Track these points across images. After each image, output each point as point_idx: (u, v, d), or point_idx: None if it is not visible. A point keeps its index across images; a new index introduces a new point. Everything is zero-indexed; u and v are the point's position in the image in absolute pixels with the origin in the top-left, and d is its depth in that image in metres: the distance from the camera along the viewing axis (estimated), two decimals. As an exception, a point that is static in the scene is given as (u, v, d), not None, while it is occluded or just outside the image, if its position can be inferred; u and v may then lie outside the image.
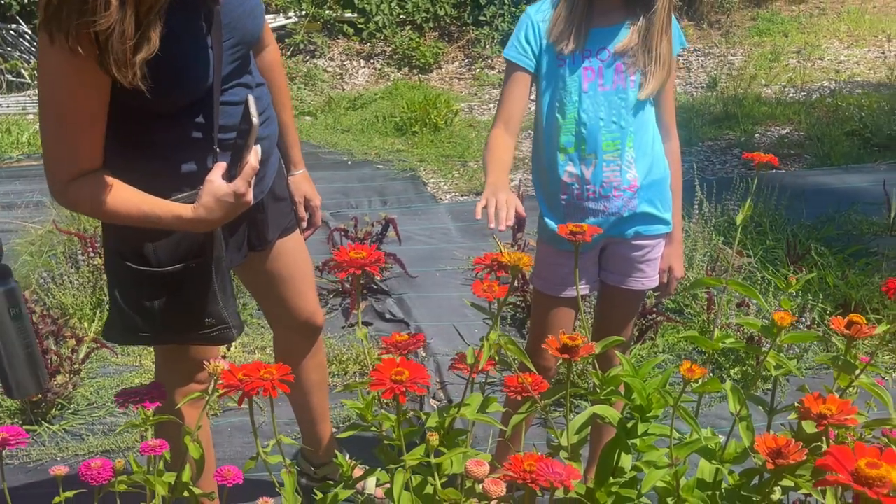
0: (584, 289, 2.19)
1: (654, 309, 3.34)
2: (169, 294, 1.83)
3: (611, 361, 2.23)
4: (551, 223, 2.07)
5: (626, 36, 1.97)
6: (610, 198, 2.04)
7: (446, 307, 3.69)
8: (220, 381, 1.41)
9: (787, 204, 4.37)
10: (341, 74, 7.76)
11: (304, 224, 2.24)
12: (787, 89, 6.88)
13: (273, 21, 7.75)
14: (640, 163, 2.05)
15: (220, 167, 1.70)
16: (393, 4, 8.03)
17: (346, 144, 5.99)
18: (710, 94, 6.77)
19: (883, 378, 3.01)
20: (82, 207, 1.74)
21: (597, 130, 2.00)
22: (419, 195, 5.09)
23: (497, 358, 1.68)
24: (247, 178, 1.68)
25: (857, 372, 1.56)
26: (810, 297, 3.43)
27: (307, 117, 6.76)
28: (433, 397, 3.13)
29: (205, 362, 1.47)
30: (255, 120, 1.69)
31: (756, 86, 6.95)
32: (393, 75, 7.72)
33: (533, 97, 2.12)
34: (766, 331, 1.59)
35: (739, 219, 1.69)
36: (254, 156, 1.70)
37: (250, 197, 1.70)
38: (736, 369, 3.16)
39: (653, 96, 2.04)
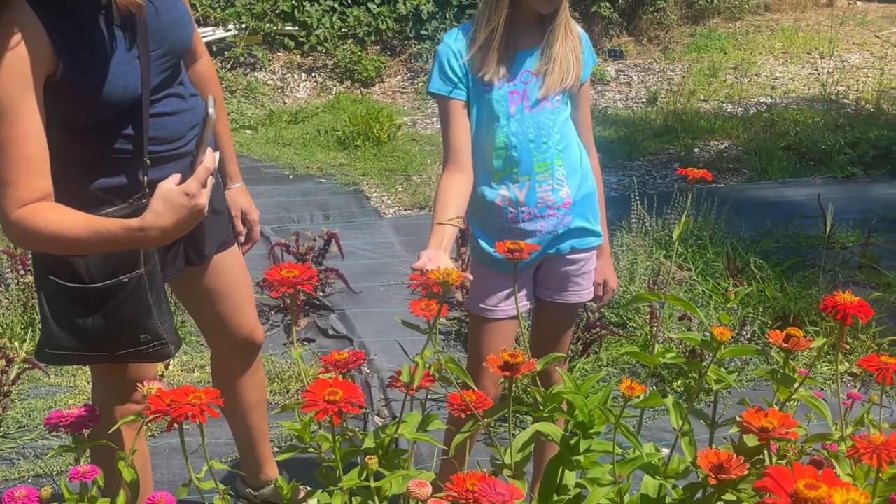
0: (521, 307, 2.18)
1: (598, 323, 3.34)
2: (102, 311, 1.77)
3: (551, 377, 2.23)
4: (486, 245, 2.07)
5: (543, 53, 2.00)
6: (545, 217, 2.05)
7: (390, 322, 3.64)
8: (148, 407, 1.36)
9: (727, 217, 4.43)
10: (282, 88, 7.68)
11: (242, 238, 2.19)
12: (725, 104, 7.01)
13: (212, 34, 7.64)
14: (571, 179, 2.08)
15: (174, 178, 1.59)
16: (334, 18, 7.98)
17: (288, 158, 5.92)
18: (650, 109, 6.86)
19: (821, 390, 3.06)
20: (30, 240, 1.63)
21: (528, 152, 2.01)
22: (362, 209, 5.04)
23: (437, 375, 1.65)
24: (199, 179, 1.55)
25: (796, 385, 1.56)
26: (750, 310, 3.47)
27: (248, 131, 6.66)
28: (377, 414, 3.08)
29: (138, 385, 1.42)
30: (210, 111, 1.58)
31: (695, 101, 7.07)
32: (335, 89, 7.66)
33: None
34: (707, 345, 1.59)
35: (676, 234, 1.69)
36: (209, 157, 1.60)
37: (204, 200, 1.56)
38: (679, 382, 3.18)
39: (566, 107, 2.06)
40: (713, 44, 8.92)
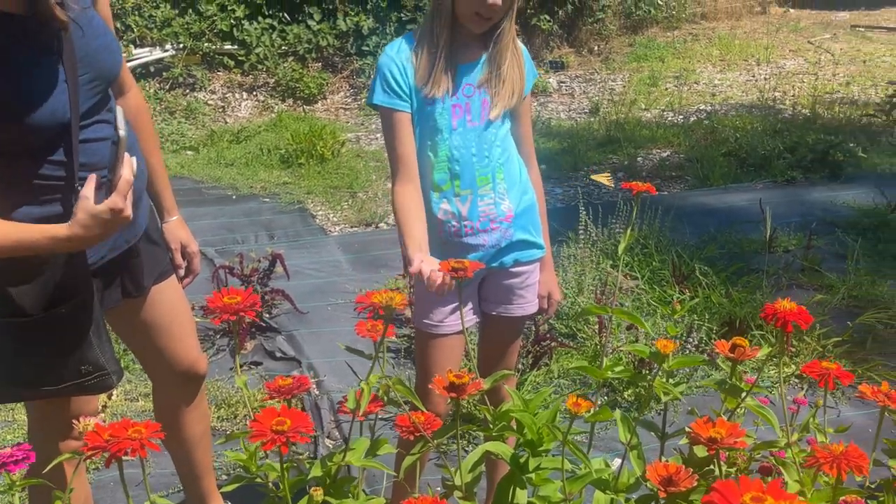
0: (467, 322, 2.16)
1: (548, 335, 3.34)
2: (40, 343, 1.71)
3: (500, 391, 2.21)
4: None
5: (485, 67, 1.99)
6: (488, 231, 2.04)
7: (340, 342, 3.58)
8: (86, 444, 1.30)
9: (671, 225, 4.47)
10: (223, 107, 7.57)
11: (182, 272, 2.13)
12: (665, 113, 7.10)
13: (149, 55, 7.51)
14: (512, 193, 2.07)
15: (93, 180, 1.61)
16: (274, 36, 7.91)
17: (231, 179, 5.83)
18: (593, 119, 6.93)
19: (768, 396, 3.09)
20: None
21: (470, 166, 2.00)
22: (307, 228, 4.97)
23: (386, 398, 1.62)
24: (122, 193, 1.60)
25: (743, 395, 1.56)
26: (696, 317, 3.50)
27: (189, 152, 6.55)
28: (328, 437, 3.02)
29: (74, 421, 1.36)
30: (121, 132, 1.63)
31: (636, 110, 7.15)
32: (277, 107, 7.59)
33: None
34: (654, 357, 1.58)
35: (621, 248, 1.68)
36: (127, 168, 1.62)
37: (129, 211, 1.62)
38: (630, 391, 3.18)
39: (507, 121, 2.06)
40: (652, 53, 9.06)
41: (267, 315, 3.75)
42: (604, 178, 1.84)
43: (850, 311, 3.76)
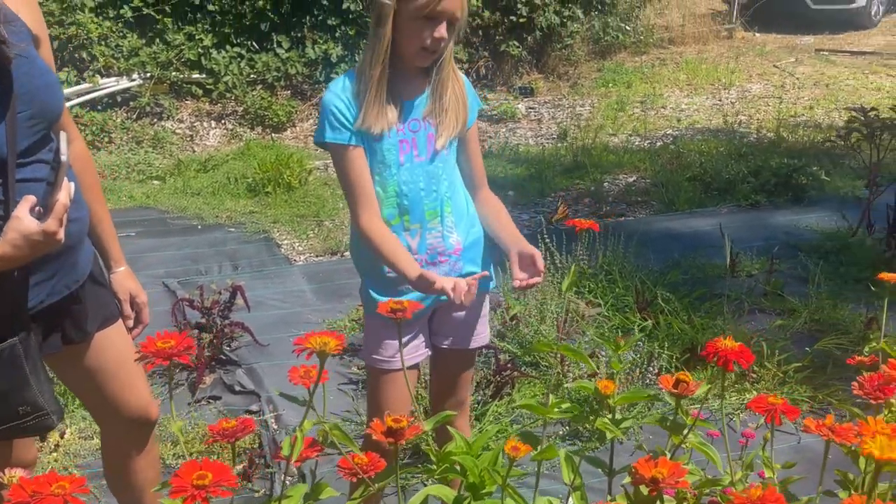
0: (419, 356, 2.14)
1: (509, 365, 3.32)
2: None
3: (454, 423, 2.19)
4: (377, 296, 2.02)
5: (429, 100, 1.99)
6: (437, 264, 2.03)
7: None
8: (8, 500, 1.26)
9: (636, 251, 4.48)
10: (191, 136, 7.54)
11: (131, 323, 2.10)
12: (632, 138, 7.15)
13: (115, 84, 7.47)
14: (460, 226, 2.07)
15: (29, 201, 1.60)
16: (242, 64, 7.90)
17: (197, 208, 5.78)
18: (560, 144, 6.96)
19: (716, 426, 3.08)
20: None
21: (418, 200, 2.00)
22: (272, 258, 4.94)
23: (326, 442, 1.59)
24: (58, 216, 1.60)
25: (686, 431, 1.55)
26: (657, 344, 3.49)
27: (155, 182, 6.50)
28: (285, 472, 2.97)
29: (0, 473, 1.33)
30: (63, 158, 1.61)
31: (604, 135, 7.19)
32: (246, 135, 7.56)
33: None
34: (597, 396, 1.57)
35: (565, 285, 1.67)
36: (64, 192, 1.62)
37: (61, 235, 1.61)
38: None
39: (453, 153, 2.06)
40: (620, 78, 9.14)
41: (227, 348, 3.70)
42: (561, 213, 1.83)
43: (812, 336, 3.77)
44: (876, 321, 3.75)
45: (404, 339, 2.06)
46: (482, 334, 2.19)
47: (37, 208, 1.64)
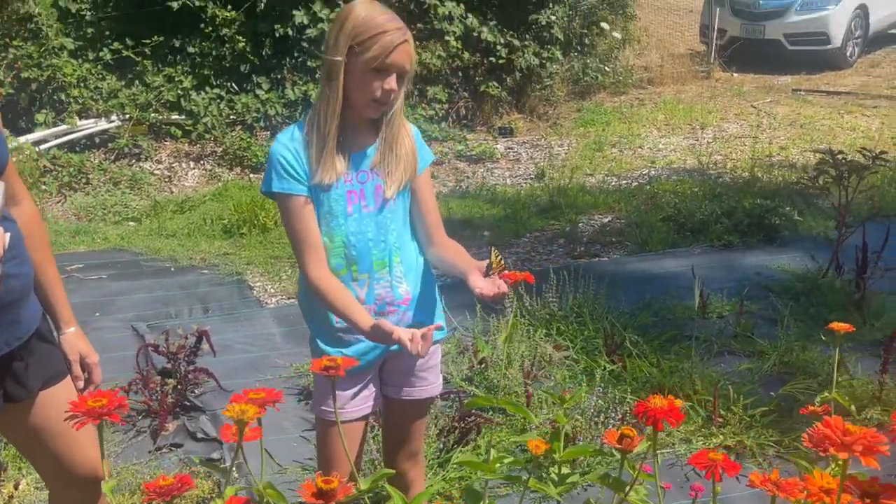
0: (369, 407, 2.12)
1: (474, 411, 3.29)
2: None
3: (406, 477, 2.17)
4: (325, 346, 2.01)
5: (378, 151, 1.99)
6: (385, 314, 2.02)
7: (264, 421, 3.50)
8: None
9: (608, 292, 4.48)
10: (170, 177, 7.54)
11: (81, 384, 2.07)
12: (609, 178, 7.19)
13: (94, 126, 7.48)
14: (409, 276, 2.06)
15: None
16: (222, 105, 7.93)
17: (171, 250, 5.76)
18: (537, 185, 6.98)
19: (696, 472, 3.04)
20: None
21: (367, 251, 1.99)
22: (243, 300, 4.91)
23: (263, 502, 1.56)
24: None
25: (627, 489, 1.54)
26: (622, 388, 3.47)
27: (131, 223, 6.49)
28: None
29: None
30: None
31: (581, 175, 7.23)
32: (224, 176, 7.57)
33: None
34: (531, 460, 1.56)
35: (501, 339, 1.66)
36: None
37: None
38: (554, 468, 3.13)
39: (404, 203, 2.06)
40: (599, 118, 9.21)
41: (191, 394, 3.66)
42: (494, 260, 1.81)
43: (781, 378, 3.77)
44: (844, 365, 3.75)
45: (354, 390, 2.05)
46: (434, 384, 2.18)
47: None
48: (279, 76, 8.23)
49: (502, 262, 1.87)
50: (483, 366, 3.72)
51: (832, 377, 3.62)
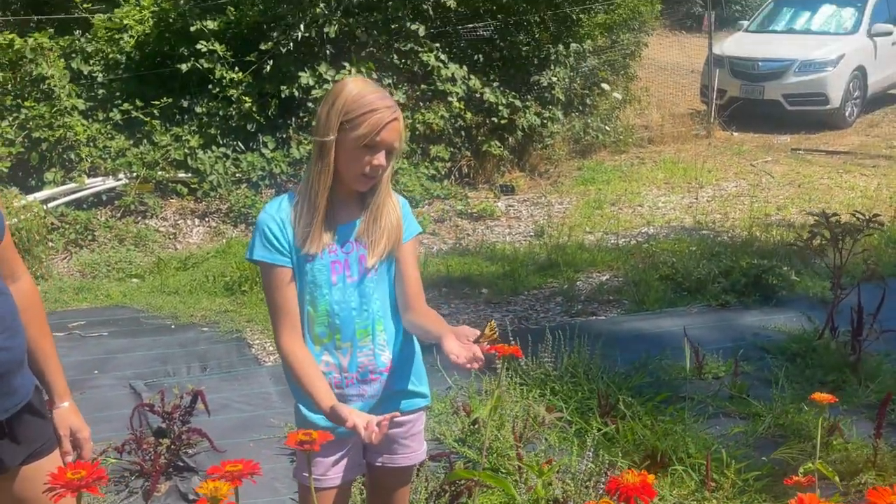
0: (350, 474, 2.15)
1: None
2: None
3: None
4: (307, 412, 2.05)
5: (363, 222, 2.05)
6: (368, 382, 2.06)
7: (258, 481, 3.51)
8: None
9: (603, 352, 4.50)
10: (174, 234, 7.63)
11: (70, 459, 2.08)
12: (608, 236, 7.24)
13: (101, 184, 7.61)
14: (392, 344, 2.09)
15: None
16: (227, 164, 8.07)
17: (172, 307, 5.81)
18: (536, 242, 7.05)
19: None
20: None
21: (350, 320, 2.04)
22: (241, 358, 4.95)
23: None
24: None
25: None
26: (614, 451, 3.47)
27: (134, 280, 6.56)
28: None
29: None
30: None
31: (580, 233, 7.29)
32: (229, 233, 7.66)
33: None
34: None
35: (486, 411, 1.70)
36: None
37: None
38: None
39: (387, 272, 2.09)
40: (600, 176, 9.31)
41: (185, 454, 3.68)
42: (488, 331, 1.84)
43: (776, 441, 3.77)
44: (838, 428, 3.74)
45: (334, 457, 2.08)
46: (417, 451, 2.20)
47: None
48: (284, 135, 8.38)
49: (496, 334, 1.89)
50: (476, 426, 3.73)
51: (825, 443, 3.63)
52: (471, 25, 9.51)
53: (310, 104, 8.25)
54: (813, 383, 4.29)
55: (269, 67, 8.27)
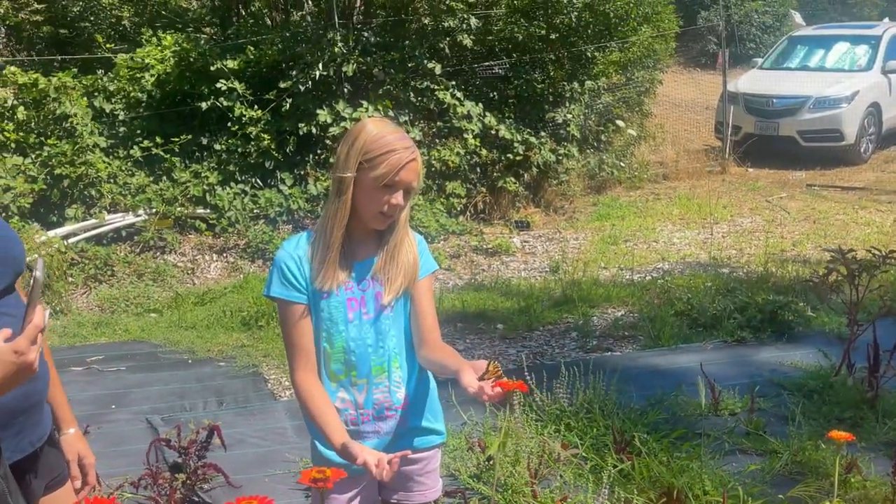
0: (365, 511, 2.16)
1: (480, 508, 3.29)
2: None
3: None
4: (323, 449, 2.07)
5: (380, 259, 2.08)
6: (384, 418, 2.08)
7: (273, 517, 3.52)
8: None
9: (619, 388, 4.49)
10: (192, 269, 7.71)
11: (78, 484, 2.12)
12: (623, 272, 7.25)
13: (121, 220, 7.71)
14: (408, 381, 2.11)
15: (4, 334, 1.55)
16: (246, 200, 8.16)
17: (189, 342, 5.86)
18: (551, 278, 7.06)
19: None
20: None
21: (366, 357, 2.06)
22: (258, 393, 4.97)
23: None
24: (29, 337, 1.53)
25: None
26: (630, 488, 3.46)
27: (152, 315, 6.62)
28: None
29: None
30: (37, 273, 1.55)
31: (595, 268, 7.30)
32: (246, 268, 7.73)
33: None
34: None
35: (493, 448, 1.71)
36: (39, 315, 1.56)
37: (33, 357, 1.54)
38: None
39: (403, 309, 2.12)
40: (615, 212, 9.34)
41: (201, 489, 3.69)
42: (492, 370, 1.86)
43: (793, 478, 3.73)
44: (856, 466, 3.71)
45: (350, 493, 2.09)
46: (433, 488, 2.21)
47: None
48: (302, 172, 8.47)
49: (499, 371, 1.91)
50: (491, 462, 3.73)
51: (843, 481, 3.60)
52: (486, 63, 9.63)
53: (327, 141, 8.36)
54: (830, 420, 4.27)
55: (287, 105, 8.40)
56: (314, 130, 8.34)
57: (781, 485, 3.67)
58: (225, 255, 7.99)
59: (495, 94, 9.61)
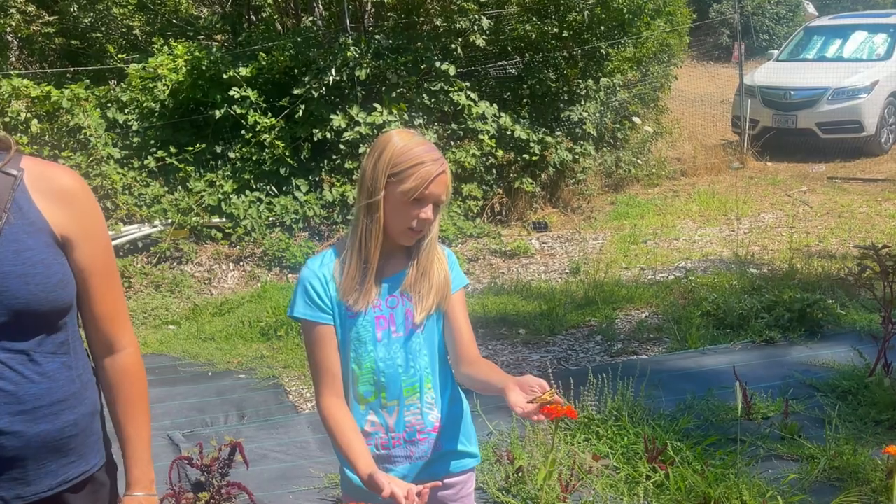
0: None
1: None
2: None
3: None
4: (354, 478, 1.98)
5: (410, 275, 1.99)
6: (415, 442, 1.99)
7: (299, 536, 3.45)
8: None
9: (648, 393, 4.39)
10: (209, 279, 7.66)
11: None
12: (645, 271, 7.14)
13: (137, 231, 7.67)
14: (441, 401, 2.02)
15: None
16: (261, 208, 8.11)
17: (209, 354, 5.80)
18: (572, 279, 6.96)
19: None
20: None
21: (396, 377, 1.98)
22: (279, 406, 4.90)
23: None
24: None
25: None
26: (665, 499, 3.36)
27: (171, 326, 6.56)
28: None
29: None
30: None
31: (616, 269, 7.19)
32: (263, 276, 7.67)
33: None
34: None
35: (540, 478, 1.62)
36: None
37: None
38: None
39: (436, 326, 2.03)
40: (633, 210, 9.22)
41: (225, 508, 3.62)
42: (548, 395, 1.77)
43: (832, 485, 3.62)
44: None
45: (382, 517, 2.00)
46: (466, 513, 2.13)
47: None
48: (317, 178, 8.42)
49: (553, 397, 1.81)
50: (520, 475, 3.64)
51: (886, 487, 3.49)
52: (499, 63, 9.54)
53: (342, 146, 8.29)
54: (867, 422, 4.15)
55: (301, 111, 8.34)
56: (328, 136, 8.28)
57: (821, 492, 3.56)
58: (241, 264, 7.93)
59: (509, 93, 9.52)
